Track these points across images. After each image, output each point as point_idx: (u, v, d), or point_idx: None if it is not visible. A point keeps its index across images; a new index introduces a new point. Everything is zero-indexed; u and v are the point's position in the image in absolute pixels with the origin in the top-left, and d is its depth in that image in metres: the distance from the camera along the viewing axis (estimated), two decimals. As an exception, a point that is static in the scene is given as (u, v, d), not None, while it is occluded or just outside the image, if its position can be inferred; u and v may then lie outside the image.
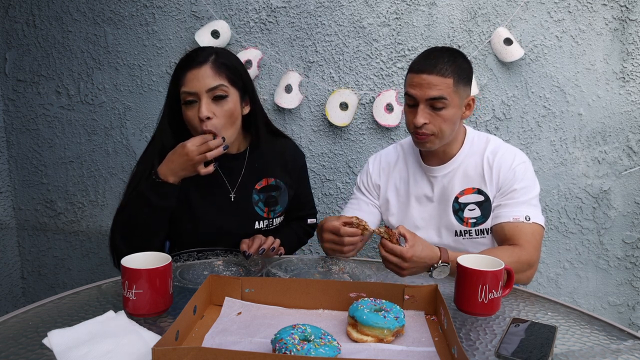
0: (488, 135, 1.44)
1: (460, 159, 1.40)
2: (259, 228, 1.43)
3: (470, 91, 1.35)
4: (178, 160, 1.23)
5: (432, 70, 1.28)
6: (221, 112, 1.27)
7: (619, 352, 0.89)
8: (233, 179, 1.42)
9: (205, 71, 1.25)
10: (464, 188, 1.39)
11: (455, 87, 1.29)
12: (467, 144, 1.41)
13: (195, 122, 1.26)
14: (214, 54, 1.28)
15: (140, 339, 0.87)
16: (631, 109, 1.92)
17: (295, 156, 1.52)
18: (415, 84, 1.30)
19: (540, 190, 1.38)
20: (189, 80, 1.25)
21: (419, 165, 1.46)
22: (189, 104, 1.26)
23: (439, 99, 1.28)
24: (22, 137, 2.28)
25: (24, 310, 1.00)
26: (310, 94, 2.05)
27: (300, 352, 0.77)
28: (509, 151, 1.38)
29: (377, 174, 1.52)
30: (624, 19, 1.87)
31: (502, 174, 1.35)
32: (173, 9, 2.06)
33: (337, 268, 1.28)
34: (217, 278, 1.02)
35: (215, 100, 1.26)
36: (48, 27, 2.16)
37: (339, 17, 1.99)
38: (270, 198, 1.45)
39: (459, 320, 1.00)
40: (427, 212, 1.44)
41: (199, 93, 1.25)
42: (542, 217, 1.33)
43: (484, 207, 1.37)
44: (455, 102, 1.30)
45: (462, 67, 1.31)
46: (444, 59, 1.29)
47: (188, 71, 1.26)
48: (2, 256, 2.33)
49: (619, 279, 2.04)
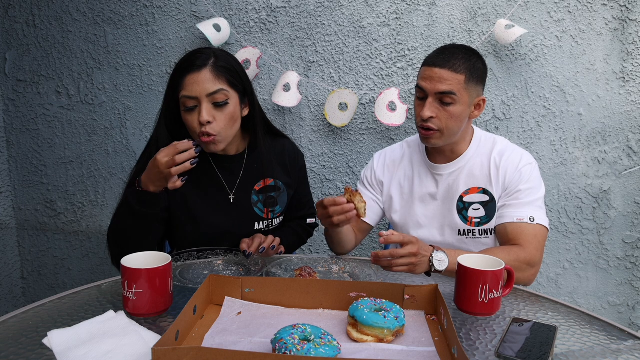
0: (495, 137, 1.44)
1: (466, 158, 1.40)
2: (259, 229, 1.43)
3: (482, 91, 1.36)
4: (153, 171, 1.19)
5: (445, 64, 1.28)
6: (221, 116, 1.27)
7: (619, 352, 0.89)
8: (232, 180, 1.42)
9: (205, 75, 1.24)
10: (469, 187, 1.39)
11: (466, 84, 1.29)
12: (475, 144, 1.41)
13: (195, 125, 1.26)
14: (213, 57, 1.27)
15: (140, 339, 0.87)
16: (631, 109, 1.92)
17: (294, 156, 1.52)
18: (426, 76, 1.31)
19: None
20: (188, 85, 1.24)
21: (425, 163, 1.46)
22: (189, 109, 1.26)
23: (448, 94, 1.28)
24: (22, 137, 2.28)
25: (24, 310, 1.00)
26: (310, 94, 2.05)
27: (300, 352, 0.77)
28: (516, 152, 1.38)
29: (381, 170, 1.52)
30: (624, 19, 1.87)
31: (508, 174, 1.35)
32: (173, 9, 2.06)
33: (337, 268, 1.28)
34: (217, 278, 1.02)
35: (216, 105, 1.26)
36: (48, 27, 2.16)
37: (339, 17, 1.99)
38: (270, 199, 1.45)
39: (459, 320, 1.00)
40: (430, 210, 1.44)
41: (199, 97, 1.24)
42: (547, 219, 1.33)
43: (489, 207, 1.37)
44: (465, 100, 1.30)
45: (476, 66, 1.31)
46: (459, 55, 1.30)
47: (187, 75, 1.24)
48: (2, 256, 2.33)
49: (619, 279, 2.04)
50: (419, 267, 1.14)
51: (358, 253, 2.12)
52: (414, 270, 1.14)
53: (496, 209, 1.37)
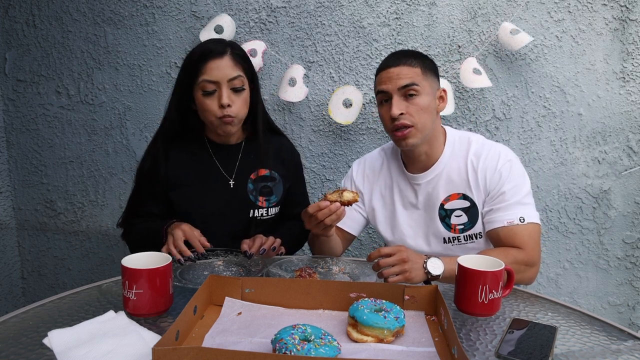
0: (469, 135, 1.39)
1: (442, 164, 1.37)
2: (254, 216, 1.47)
3: (439, 84, 1.36)
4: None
5: (398, 62, 1.30)
6: (238, 100, 1.36)
7: (619, 353, 0.89)
8: (230, 168, 1.47)
9: (226, 62, 1.34)
10: (449, 194, 1.36)
11: (423, 74, 1.30)
12: (449, 147, 1.37)
13: (215, 109, 1.34)
14: (229, 47, 1.37)
15: (140, 339, 0.87)
16: (631, 109, 1.92)
17: (291, 152, 1.57)
18: (384, 79, 1.31)
19: (539, 188, 1.37)
20: (209, 70, 1.33)
21: (402, 173, 1.43)
22: (208, 93, 1.34)
23: (410, 86, 1.28)
24: (22, 137, 2.28)
25: (24, 310, 1.00)
26: (310, 94, 2.04)
27: (300, 352, 0.77)
28: (492, 151, 1.33)
29: (360, 180, 1.49)
30: (624, 19, 1.87)
31: (488, 177, 1.31)
32: (173, 9, 2.06)
33: (337, 268, 1.28)
34: (217, 278, 1.02)
35: (234, 90, 1.35)
36: (48, 27, 2.16)
37: (339, 17, 1.99)
38: (265, 188, 1.49)
39: (459, 321, 1.00)
40: (414, 219, 1.42)
41: (220, 82, 1.33)
42: (537, 213, 1.30)
43: (470, 212, 1.35)
44: (427, 90, 1.30)
45: (426, 61, 1.34)
46: (408, 53, 1.34)
47: (209, 61, 1.33)
48: (2, 256, 2.33)
49: (619, 279, 2.04)
50: (413, 274, 1.13)
51: (358, 253, 2.12)
52: (409, 277, 1.12)
53: (479, 214, 1.34)
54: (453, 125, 1.99)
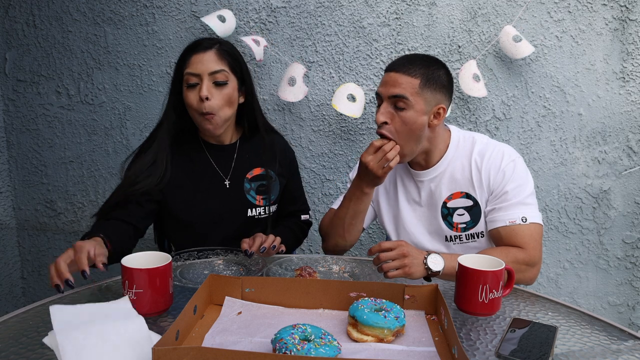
0: (474, 135, 1.39)
1: (446, 162, 1.36)
2: (252, 215, 1.47)
3: (441, 99, 1.29)
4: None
5: (401, 68, 1.27)
6: (219, 95, 1.35)
7: (619, 353, 0.89)
8: (226, 168, 1.47)
9: (210, 56, 1.35)
10: (451, 192, 1.36)
11: (420, 89, 1.25)
12: (453, 147, 1.37)
13: (195, 102, 1.35)
14: (218, 43, 1.38)
15: (142, 323, 0.87)
16: (631, 109, 1.92)
17: (285, 150, 1.58)
18: (383, 82, 1.30)
19: (539, 188, 1.36)
20: (193, 63, 1.35)
21: (406, 169, 1.43)
22: (191, 86, 1.35)
23: (400, 97, 1.25)
24: (22, 137, 2.28)
25: (24, 310, 1.00)
26: (310, 94, 2.04)
27: (301, 352, 0.77)
28: (496, 151, 1.33)
29: None
30: (624, 19, 1.87)
31: (491, 176, 1.31)
32: (173, 9, 2.06)
33: (338, 268, 1.28)
34: (217, 277, 1.02)
35: (216, 85, 1.35)
36: (48, 27, 2.16)
37: (339, 17, 1.99)
38: (262, 186, 1.49)
39: (460, 320, 1.00)
40: (416, 216, 1.42)
41: (202, 75, 1.33)
42: (539, 214, 1.30)
43: (473, 212, 1.35)
44: (419, 107, 1.26)
45: (434, 73, 1.27)
46: (417, 61, 1.28)
47: (194, 54, 1.35)
48: (2, 256, 2.33)
49: (619, 279, 2.04)
50: (413, 269, 1.13)
51: (358, 253, 2.12)
52: (409, 273, 1.13)
53: (481, 213, 1.34)
54: (453, 125, 1.99)
